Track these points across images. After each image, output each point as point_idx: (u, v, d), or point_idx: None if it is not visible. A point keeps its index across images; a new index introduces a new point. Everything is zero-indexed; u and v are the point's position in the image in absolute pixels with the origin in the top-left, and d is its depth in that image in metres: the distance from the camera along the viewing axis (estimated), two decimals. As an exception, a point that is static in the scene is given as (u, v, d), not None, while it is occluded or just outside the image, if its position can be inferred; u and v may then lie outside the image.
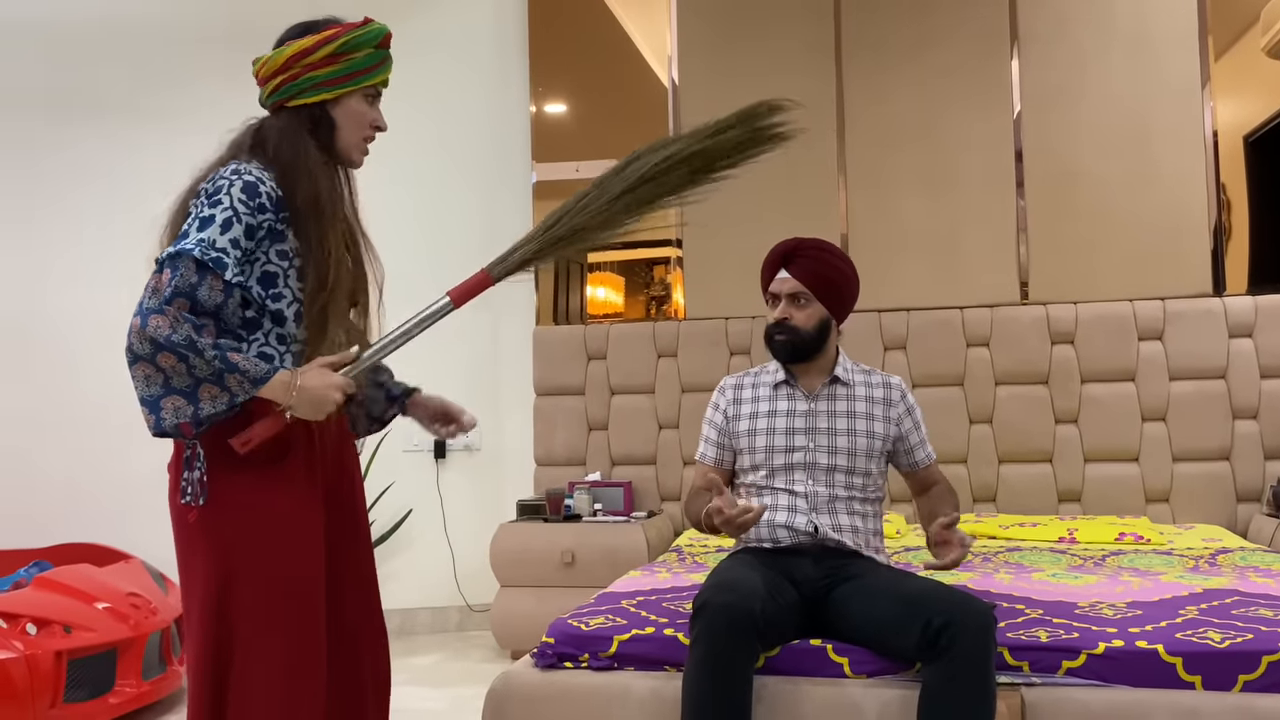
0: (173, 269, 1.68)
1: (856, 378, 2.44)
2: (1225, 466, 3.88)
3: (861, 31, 4.32)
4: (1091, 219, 4.11)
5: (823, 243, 2.41)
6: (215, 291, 1.71)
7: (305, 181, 1.79)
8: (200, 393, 1.68)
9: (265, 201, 1.75)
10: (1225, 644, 2.06)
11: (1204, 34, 4.05)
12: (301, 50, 1.82)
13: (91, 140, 4.66)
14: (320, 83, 1.83)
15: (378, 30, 1.88)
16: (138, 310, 1.67)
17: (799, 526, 2.32)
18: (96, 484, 4.55)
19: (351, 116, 1.88)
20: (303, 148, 1.81)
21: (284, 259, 1.80)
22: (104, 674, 3.21)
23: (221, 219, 1.71)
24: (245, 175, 1.75)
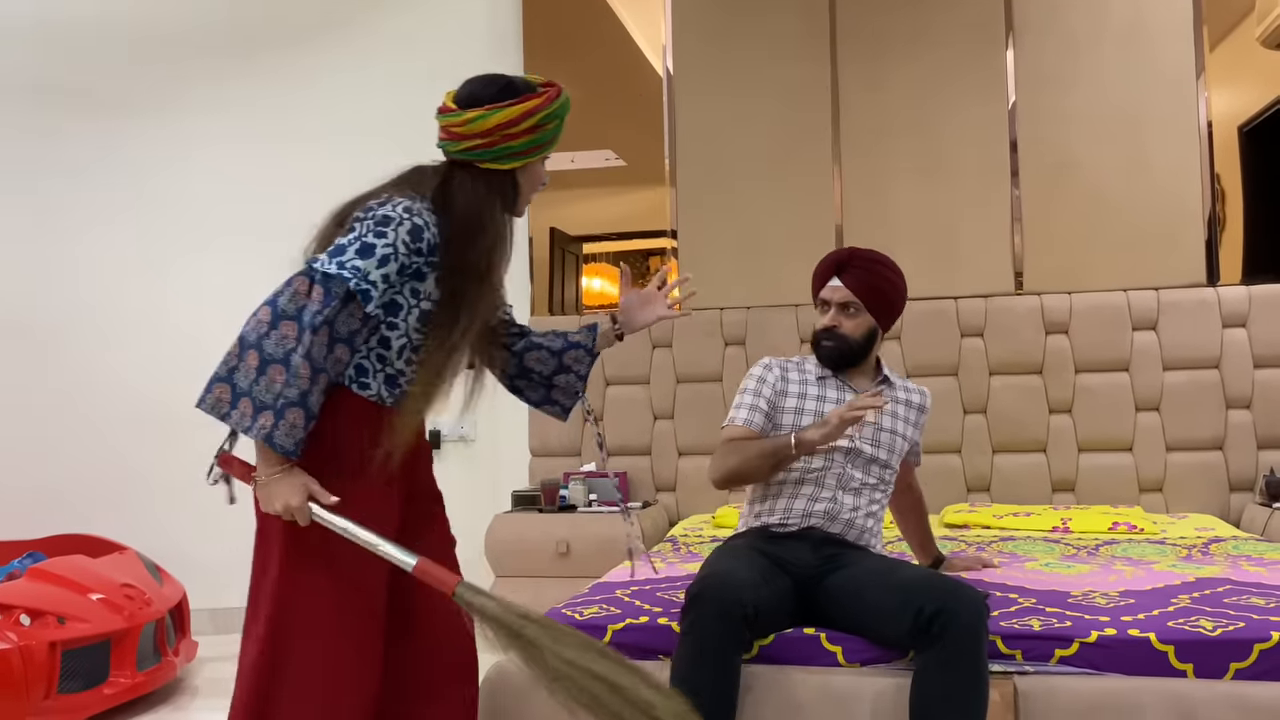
0: (326, 293, 1.73)
1: (896, 381, 2.52)
2: (1219, 456, 3.89)
3: (856, 21, 4.31)
4: (1086, 209, 4.11)
5: (875, 254, 2.44)
6: (354, 319, 1.80)
7: (487, 252, 1.87)
8: (241, 400, 1.71)
9: (423, 246, 1.82)
10: (1217, 632, 2.06)
11: (1199, 23, 4.05)
12: (508, 120, 1.87)
13: (97, 134, 4.65)
14: (516, 152, 1.90)
15: (567, 101, 1.95)
16: (271, 301, 1.73)
17: (814, 510, 2.35)
18: (91, 475, 4.55)
19: (532, 179, 1.98)
20: (491, 216, 1.89)
21: (415, 296, 1.85)
22: (98, 665, 3.21)
23: (381, 253, 1.77)
24: (415, 218, 1.80)
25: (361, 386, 1.85)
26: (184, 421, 4.57)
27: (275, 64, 4.71)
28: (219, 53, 4.71)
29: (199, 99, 4.71)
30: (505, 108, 1.86)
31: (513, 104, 1.86)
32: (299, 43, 4.72)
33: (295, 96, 4.71)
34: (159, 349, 4.64)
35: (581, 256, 4.69)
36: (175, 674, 3.61)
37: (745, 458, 2.34)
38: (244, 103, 4.71)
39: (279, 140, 4.71)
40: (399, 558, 1.78)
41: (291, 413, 1.70)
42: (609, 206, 4.68)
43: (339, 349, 1.79)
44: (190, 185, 4.68)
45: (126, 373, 4.61)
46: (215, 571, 4.53)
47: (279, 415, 1.69)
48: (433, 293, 1.85)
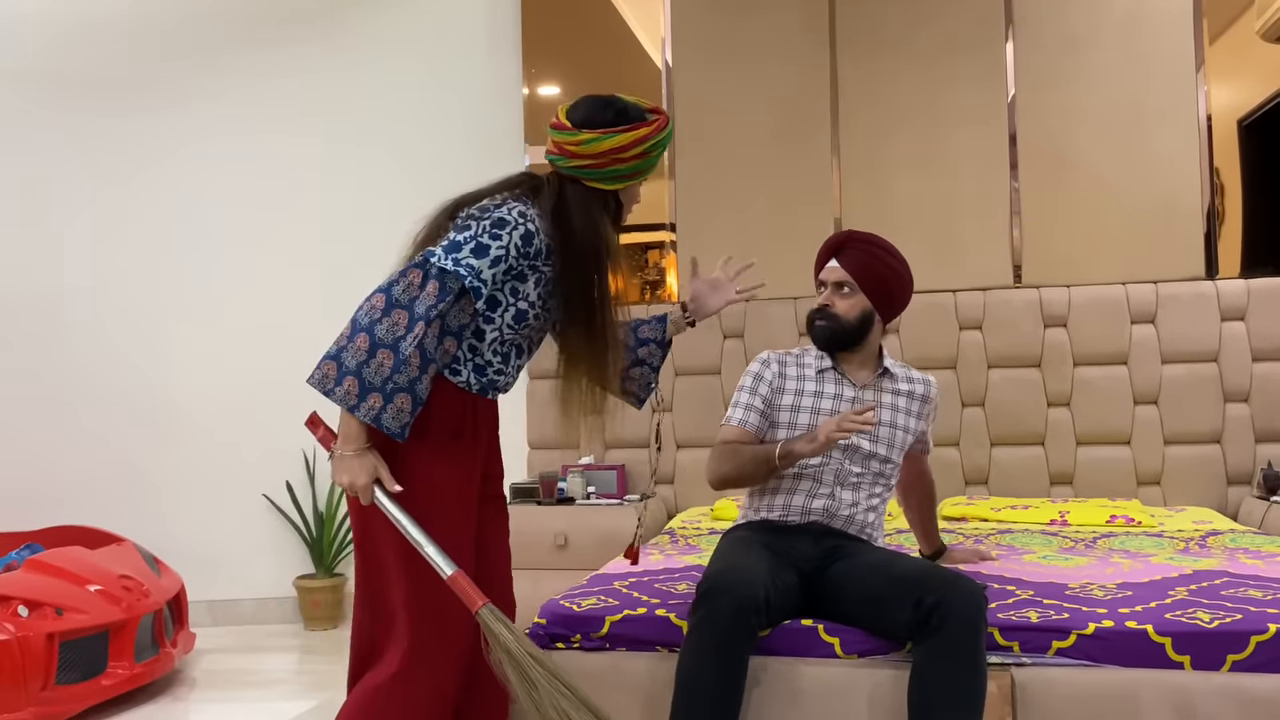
0: (442, 288, 1.83)
1: (899, 372, 2.49)
2: (1216, 449, 3.89)
3: (856, 13, 4.30)
4: (1085, 202, 4.10)
5: (875, 238, 2.44)
6: (464, 314, 1.91)
7: (602, 259, 1.97)
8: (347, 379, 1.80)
9: (533, 252, 1.92)
10: (1214, 624, 2.07)
11: (1199, 16, 4.04)
12: (619, 146, 1.96)
13: (107, 122, 4.64)
14: (622, 175, 2.00)
15: (672, 130, 2.07)
16: (386, 290, 1.82)
17: (813, 506, 2.36)
18: (89, 466, 4.55)
19: (631, 198, 2.08)
20: (604, 231, 1.99)
21: (514, 295, 1.95)
22: (96, 656, 3.21)
23: (495, 254, 1.87)
24: (529, 224, 1.91)
25: (453, 373, 1.95)
26: (182, 414, 4.61)
27: (274, 58, 4.71)
28: (220, 45, 4.70)
29: (199, 91, 4.70)
30: (619, 133, 1.96)
31: (626, 130, 1.96)
32: (296, 37, 4.71)
33: (293, 91, 4.70)
34: (158, 342, 4.63)
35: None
36: (173, 665, 3.61)
37: (737, 464, 2.34)
38: (244, 96, 4.71)
39: (278, 134, 4.70)
40: (438, 564, 1.85)
41: (400, 398, 1.81)
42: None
43: (448, 341, 1.90)
44: (194, 178, 4.67)
45: (126, 365, 4.60)
46: (213, 563, 4.54)
47: (388, 399, 1.80)
48: (530, 294, 1.94)
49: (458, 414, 1.95)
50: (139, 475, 4.57)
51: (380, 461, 1.86)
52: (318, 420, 1.96)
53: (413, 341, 1.79)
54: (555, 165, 2.01)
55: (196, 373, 4.60)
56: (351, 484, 1.84)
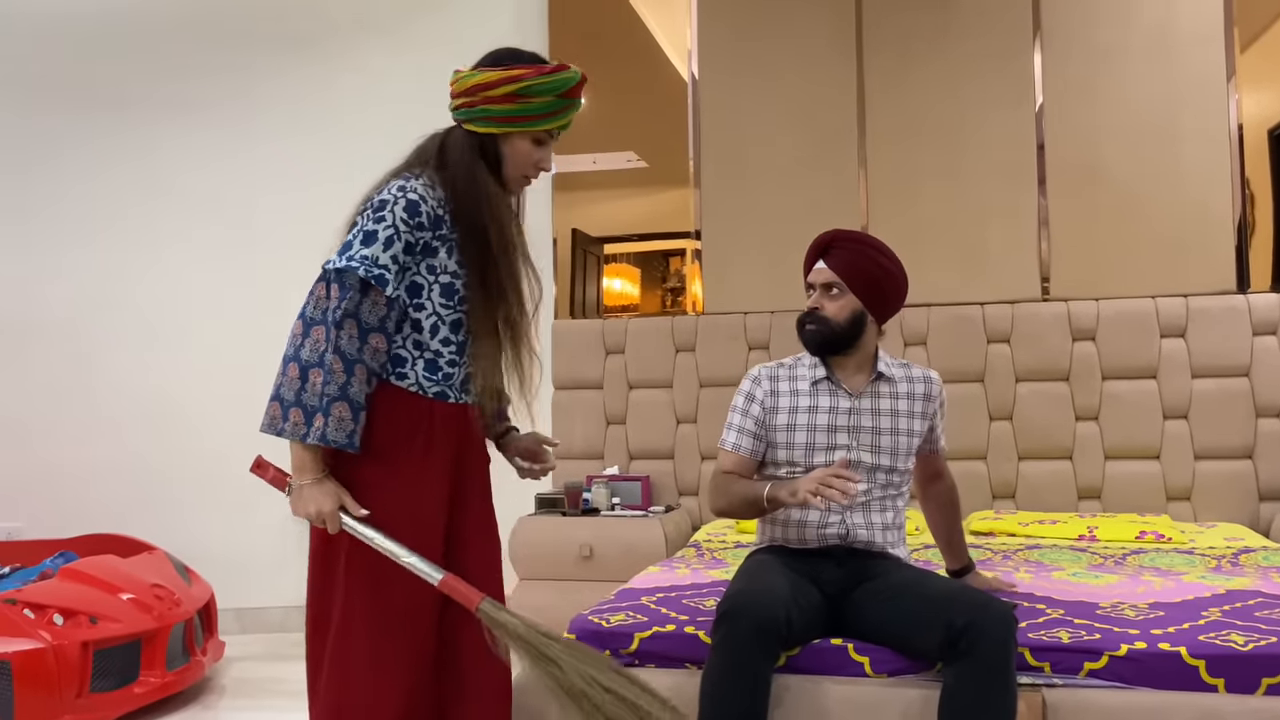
0: (341, 287, 1.79)
1: (896, 373, 2.41)
2: (1248, 465, 3.85)
3: (883, 24, 4.30)
4: (1114, 214, 4.08)
5: (864, 236, 2.37)
6: (379, 306, 1.83)
7: (484, 204, 1.88)
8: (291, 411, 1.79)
9: (424, 220, 1.85)
10: (1249, 646, 2.05)
11: (1229, 26, 4.01)
12: (485, 82, 1.89)
13: (107, 131, 4.69)
14: (493, 117, 1.90)
15: (563, 80, 1.91)
16: (300, 315, 1.81)
17: (829, 532, 2.31)
18: (120, 474, 4.60)
19: (516, 154, 1.95)
20: (479, 174, 1.90)
21: (431, 273, 1.88)
22: (129, 664, 3.25)
23: (384, 236, 1.82)
24: (410, 193, 1.84)
25: (399, 377, 1.89)
26: (212, 422, 4.65)
27: (289, 64, 4.73)
28: (232, 50, 4.73)
29: (211, 95, 4.73)
30: (489, 70, 1.90)
31: (499, 69, 1.89)
32: (313, 45, 4.73)
33: (314, 100, 4.72)
34: (187, 351, 4.68)
35: (602, 257, 4.70)
36: (203, 673, 3.64)
37: (730, 501, 2.31)
38: (256, 101, 4.73)
39: (305, 141, 4.73)
40: (425, 571, 1.81)
41: (336, 407, 1.77)
42: (630, 208, 4.68)
43: (373, 338, 1.83)
44: (217, 186, 4.71)
45: (156, 374, 4.65)
46: (242, 572, 4.58)
47: (326, 413, 1.76)
48: (449, 265, 1.88)
49: (409, 424, 1.87)
50: (169, 483, 4.62)
51: (340, 488, 1.83)
52: (264, 463, 1.90)
53: (329, 349, 1.76)
54: (450, 112, 1.97)
55: (226, 382, 4.64)
56: (318, 513, 1.80)
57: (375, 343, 1.83)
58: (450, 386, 1.92)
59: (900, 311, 4.09)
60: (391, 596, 1.87)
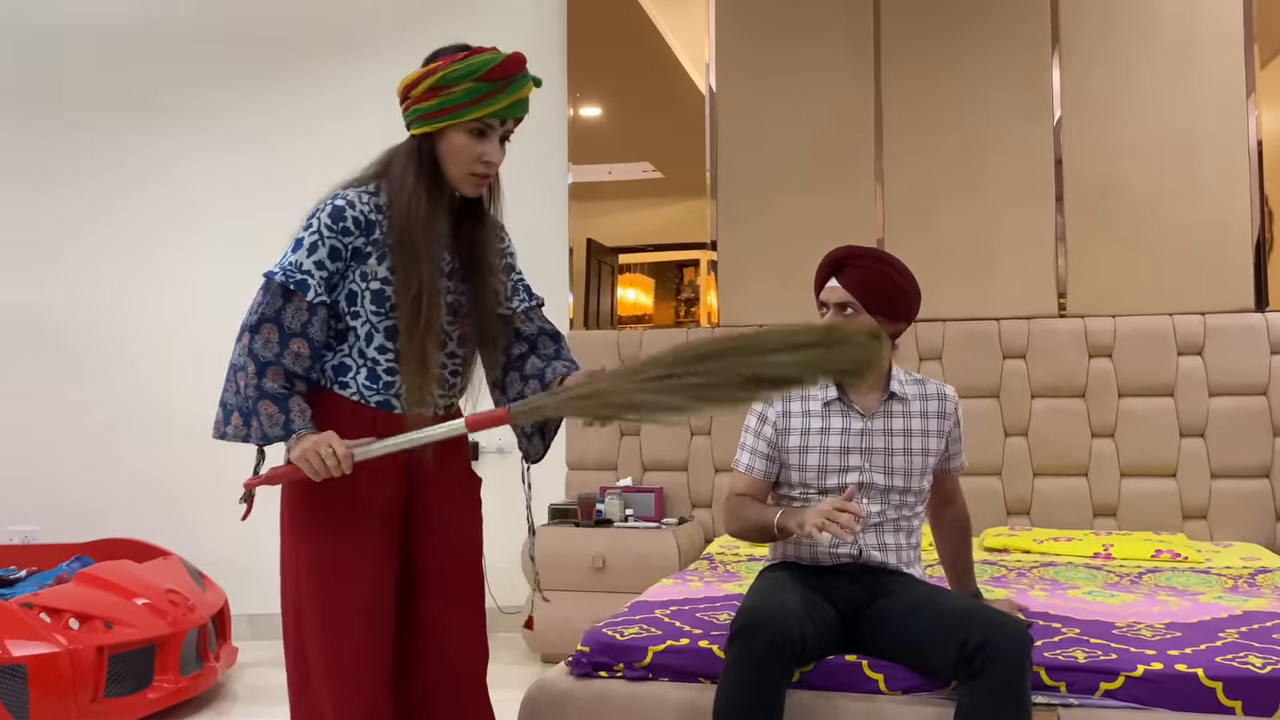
0: (262, 292, 1.84)
1: (910, 390, 2.37)
2: (1265, 484, 3.83)
3: (901, 39, 4.30)
4: (1131, 230, 4.07)
5: (878, 252, 2.33)
6: (300, 312, 1.83)
7: (398, 212, 1.86)
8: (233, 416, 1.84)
9: (350, 225, 1.85)
10: (1267, 669, 2.04)
11: (1249, 41, 4.00)
12: (409, 83, 1.88)
13: (112, 138, 4.73)
14: (422, 115, 1.86)
15: (480, 63, 1.83)
16: (241, 325, 1.86)
17: (842, 551, 2.30)
18: (136, 479, 4.63)
19: (452, 150, 1.87)
20: (406, 179, 1.87)
21: (363, 279, 1.87)
22: (143, 669, 3.27)
23: (309, 242, 1.84)
24: (337, 200, 1.86)
25: (341, 386, 1.90)
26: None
27: (296, 73, 4.74)
28: (239, 59, 4.75)
29: (213, 101, 4.74)
30: (417, 72, 1.87)
31: (422, 68, 1.86)
32: (337, 56, 4.75)
33: (317, 108, 4.73)
34: (204, 356, 4.70)
35: (617, 268, 4.71)
36: (216, 679, 3.66)
37: (743, 526, 2.31)
38: (261, 108, 4.74)
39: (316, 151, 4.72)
40: (448, 429, 1.81)
41: (262, 405, 1.80)
42: (646, 218, 4.69)
43: (294, 343, 1.83)
44: (228, 194, 4.74)
45: (171, 380, 4.68)
46: (255, 578, 4.56)
47: (256, 414, 1.79)
48: (379, 271, 1.86)
49: (352, 434, 1.81)
50: (185, 488, 4.64)
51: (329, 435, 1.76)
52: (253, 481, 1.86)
53: (241, 352, 1.81)
54: None
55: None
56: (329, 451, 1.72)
57: (297, 347, 1.82)
58: (394, 395, 1.89)
59: (915, 326, 4.13)
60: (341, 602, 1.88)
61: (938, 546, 2.51)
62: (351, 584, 1.87)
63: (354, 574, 1.87)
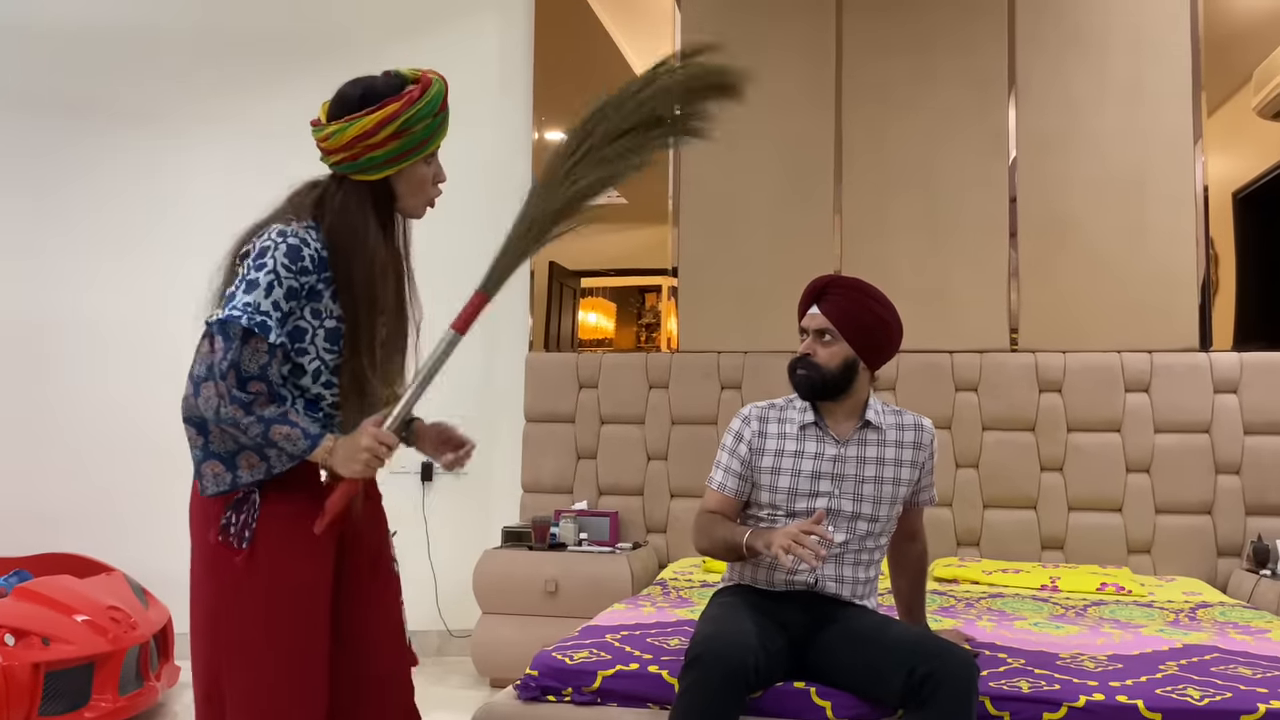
0: (225, 338, 1.74)
1: (887, 420, 2.38)
2: (1207, 520, 3.91)
3: (862, 74, 4.38)
4: (1083, 268, 4.16)
5: (860, 283, 2.35)
6: (260, 354, 1.78)
7: (359, 264, 1.82)
8: (239, 460, 1.79)
9: (308, 264, 1.79)
10: (1205, 701, 2.07)
11: (1198, 90, 4.12)
12: (364, 131, 1.80)
13: (84, 143, 4.67)
14: (380, 161, 1.83)
15: (436, 95, 1.85)
16: (190, 376, 1.77)
17: (798, 579, 2.31)
18: (79, 492, 4.53)
19: (413, 184, 1.89)
20: (362, 228, 1.83)
21: (315, 317, 1.83)
22: (80, 687, 3.19)
23: (265, 282, 1.76)
24: (290, 239, 1.78)
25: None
26: (175, 442, 4.59)
27: (279, 82, 4.73)
28: (220, 67, 4.73)
29: (194, 118, 4.71)
30: (361, 119, 1.80)
31: (369, 113, 1.80)
32: (304, 62, 4.73)
33: (300, 118, 4.72)
34: (151, 369, 4.63)
35: (579, 291, 4.72)
36: (157, 699, 3.57)
37: (712, 543, 2.31)
38: (246, 123, 4.72)
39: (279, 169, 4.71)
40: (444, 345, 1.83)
41: (275, 430, 1.75)
42: (609, 243, 4.71)
43: (252, 385, 1.78)
44: (179, 204, 4.68)
45: (119, 392, 4.60)
46: (200, 595, 4.50)
47: (273, 444, 1.75)
48: (334, 310, 1.83)
49: (296, 469, 1.81)
50: (129, 503, 4.55)
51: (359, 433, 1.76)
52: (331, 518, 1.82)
53: (224, 402, 1.72)
54: (325, 163, 1.89)
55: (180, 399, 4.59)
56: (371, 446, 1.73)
57: (254, 388, 1.79)
58: (334, 427, 1.87)
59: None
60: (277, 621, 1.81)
61: (893, 581, 2.53)
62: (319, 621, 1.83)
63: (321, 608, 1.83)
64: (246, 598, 1.78)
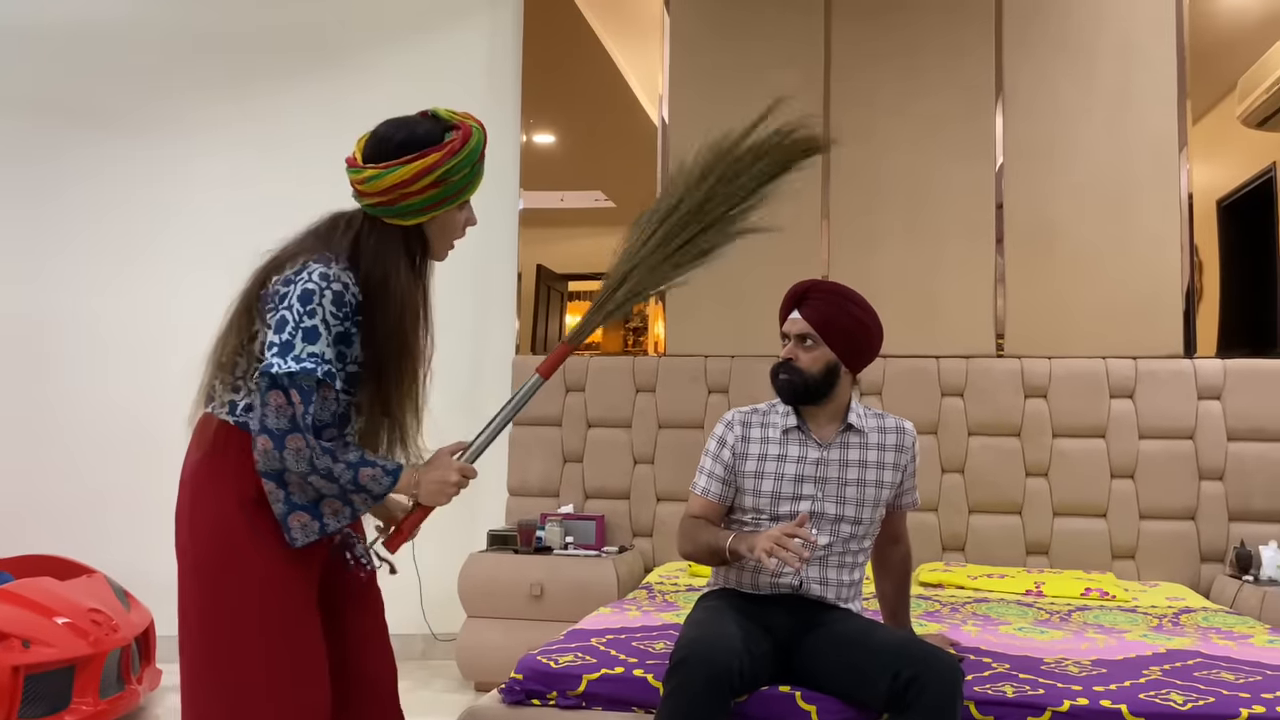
0: (302, 392, 1.73)
1: (869, 423, 2.40)
2: (1190, 526, 3.93)
3: (850, 80, 4.39)
4: (1068, 274, 4.17)
5: (840, 287, 2.38)
6: (330, 402, 1.81)
7: (392, 311, 1.82)
8: (323, 508, 1.79)
9: (349, 310, 1.80)
10: (1188, 706, 2.08)
11: (1183, 98, 4.15)
12: (402, 180, 1.79)
13: (85, 146, 4.64)
14: (417, 209, 1.84)
15: (476, 146, 1.85)
16: (263, 428, 1.72)
17: (783, 582, 2.31)
18: (62, 494, 4.49)
19: (447, 229, 1.91)
20: (394, 274, 1.83)
21: (340, 360, 1.82)
22: (61, 690, 3.16)
23: (320, 330, 1.75)
24: (334, 284, 1.77)
25: None
26: (158, 444, 4.55)
27: (273, 87, 4.71)
28: (216, 73, 4.71)
29: (186, 121, 4.69)
30: (401, 166, 1.79)
31: (409, 161, 1.79)
32: (292, 80, 4.71)
33: (289, 131, 4.69)
34: (137, 370, 4.60)
35: (566, 294, 4.71)
36: (138, 702, 3.55)
37: (696, 548, 2.32)
38: (235, 127, 4.70)
39: (269, 172, 4.69)
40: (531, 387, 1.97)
41: (362, 473, 1.76)
42: (596, 247, 4.71)
43: (326, 433, 1.82)
44: (176, 210, 4.66)
45: (103, 393, 4.57)
46: (183, 598, 4.47)
47: (360, 489, 1.77)
48: (358, 355, 1.83)
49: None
50: (113, 504, 4.52)
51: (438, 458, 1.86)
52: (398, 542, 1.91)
53: (316, 454, 1.72)
54: (358, 203, 1.88)
55: (176, 403, 4.55)
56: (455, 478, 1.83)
57: (329, 436, 1.82)
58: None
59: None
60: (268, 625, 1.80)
61: (877, 584, 2.54)
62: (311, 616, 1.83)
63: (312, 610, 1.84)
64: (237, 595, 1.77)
